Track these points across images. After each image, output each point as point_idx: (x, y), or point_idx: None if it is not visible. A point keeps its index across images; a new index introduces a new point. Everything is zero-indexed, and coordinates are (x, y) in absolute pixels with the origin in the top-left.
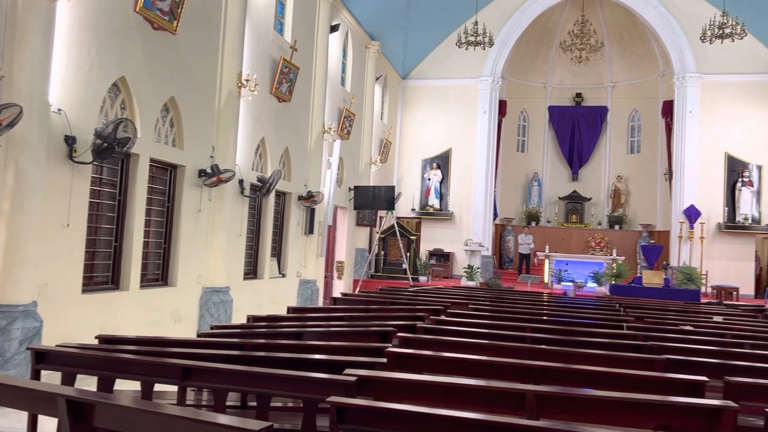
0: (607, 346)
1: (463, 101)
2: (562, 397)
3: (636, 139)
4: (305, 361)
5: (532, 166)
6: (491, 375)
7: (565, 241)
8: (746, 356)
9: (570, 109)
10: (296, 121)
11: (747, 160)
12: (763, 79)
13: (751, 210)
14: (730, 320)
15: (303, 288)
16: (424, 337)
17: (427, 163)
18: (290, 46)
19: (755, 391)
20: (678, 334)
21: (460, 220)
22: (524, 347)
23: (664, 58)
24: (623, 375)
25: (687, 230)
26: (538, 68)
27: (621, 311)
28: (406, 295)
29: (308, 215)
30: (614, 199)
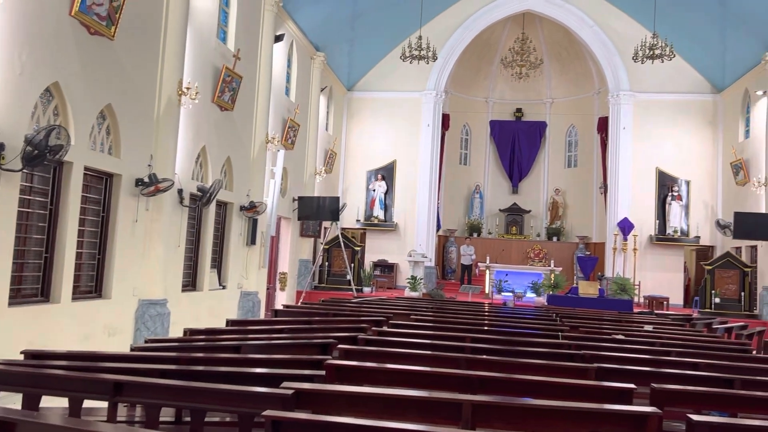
0: (544, 356)
1: (407, 114)
2: (497, 406)
3: (573, 154)
4: (243, 374)
5: (474, 179)
6: (431, 385)
7: (506, 252)
8: (673, 364)
9: (510, 123)
10: (239, 130)
11: (676, 176)
12: (691, 98)
13: (680, 223)
14: (660, 329)
15: (244, 300)
16: (366, 349)
17: (372, 175)
18: (233, 54)
19: (679, 397)
20: (610, 343)
21: (405, 231)
22: (463, 357)
23: (599, 76)
24: (558, 384)
25: (621, 242)
26: (480, 83)
27: (558, 321)
28: (349, 307)
29: (250, 226)
30: (552, 211)
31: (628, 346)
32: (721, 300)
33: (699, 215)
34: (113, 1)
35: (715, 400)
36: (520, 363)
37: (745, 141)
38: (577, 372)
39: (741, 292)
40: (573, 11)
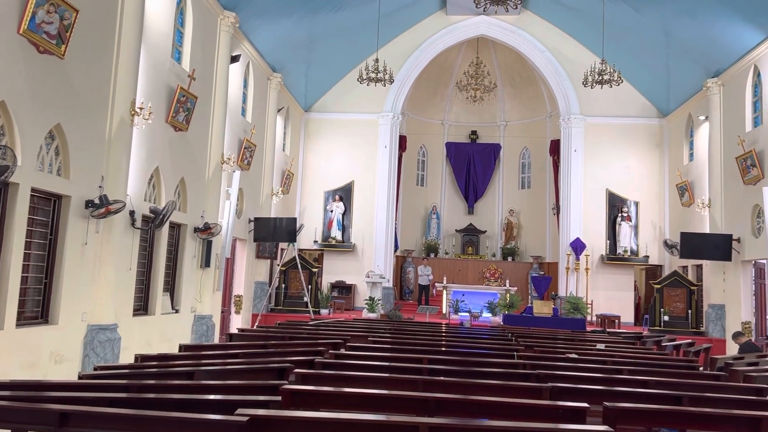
0: (500, 376)
1: (364, 135)
2: (453, 428)
3: (527, 176)
4: (197, 401)
5: (431, 200)
6: (389, 408)
7: (462, 273)
8: (624, 382)
9: (466, 145)
10: (193, 151)
11: (626, 197)
12: (638, 122)
13: (630, 243)
14: (612, 347)
15: (198, 324)
16: (323, 373)
17: (329, 195)
18: (188, 75)
19: (631, 415)
20: (564, 362)
21: (362, 252)
22: (420, 379)
23: (551, 100)
24: (513, 404)
25: (573, 262)
26: (436, 106)
27: (513, 341)
28: (306, 329)
29: (205, 248)
30: (507, 232)
31: (581, 365)
32: (669, 318)
33: (648, 235)
34: (64, 20)
35: (665, 417)
36: (477, 384)
37: (690, 163)
38: (532, 392)
39: (688, 310)
40: (525, 37)
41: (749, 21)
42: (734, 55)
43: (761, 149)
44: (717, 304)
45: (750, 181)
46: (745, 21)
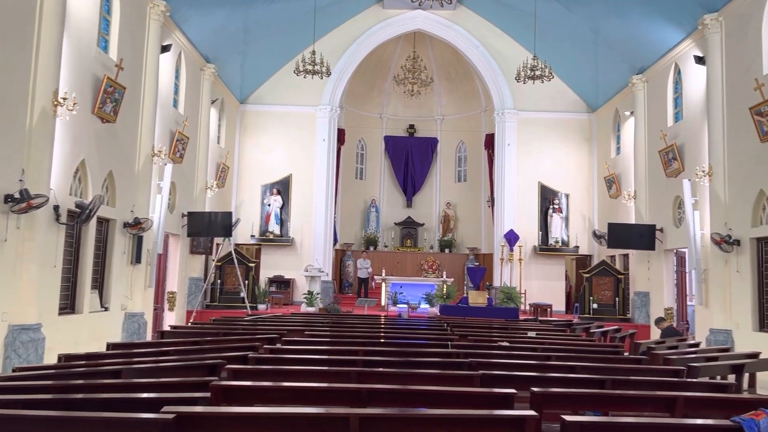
0: (435, 365)
1: (302, 128)
2: (384, 418)
3: (463, 169)
4: (124, 400)
5: (370, 193)
6: (322, 401)
7: (401, 265)
8: (553, 368)
9: (404, 139)
10: (122, 143)
11: (557, 189)
12: (568, 116)
13: (561, 234)
14: (543, 335)
15: (129, 322)
16: (256, 368)
17: (267, 189)
18: (116, 64)
19: (557, 399)
20: (496, 350)
21: (301, 246)
22: (354, 371)
23: (486, 95)
24: (446, 392)
25: (507, 253)
26: (374, 99)
27: (448, 330)
28: (242, 325)
29: (135, 243)
30: (444, 224)
31: (512, 352)
32: (598, 305)
33: (578, 226)
34: None
35: (589, 400)
36: (413, 373)
37: (617, 157)
38: (464, 380)
39: (616, 298)
40: (460, 32)
41: (671, 21)
42: (657, 53)
43: (682, 143)
44: (642, 291)
45: (672, 174)
46: (668, 21)
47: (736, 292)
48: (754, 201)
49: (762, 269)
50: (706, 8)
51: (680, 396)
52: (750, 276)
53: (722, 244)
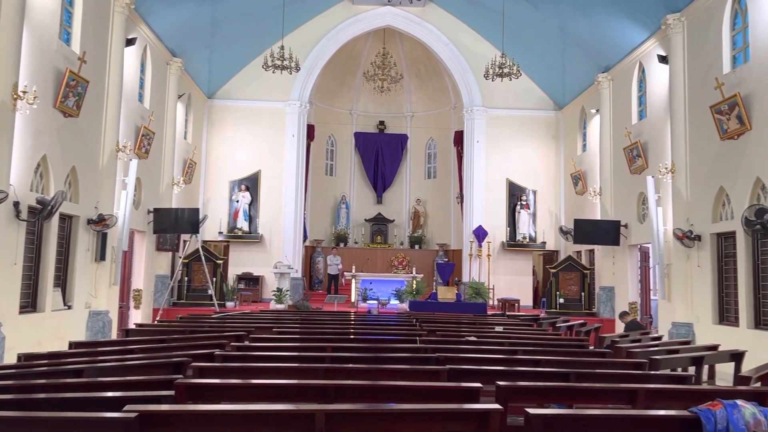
0: (403, 361)
1: (271, 124)
2: (350, 413)
3: (432, 166)
4: (86, 400)
5: (340, 189)
6: (289, 398)
7: (371, 261)
8: (519, 362)
9: (374, 135)
10: (86, 138)
11: (525, 186)
12: (536, 114)
13: (528, 230)
14: (510, 330)
15: (93, 320)
16: (223, 365)
17: (235, 185)
18: (78, 57)
19: (522, 392)
20: (463, 345)
21: (270, 243)
22: (322, 367)
23: (455, 92)
24: (413, 387)
25: (476, 249)
26: (344, 95)
27: (417, 326)
28: (209, 323)
29: (99, 240)
30: (414, 220)
31: (479, 347)
32: (564, 300)
33: (545, 222)
34: None
35: (554, 394)
36: (381, 369)
37: (583, 154)
38: (431, 374)
39: (582, 293)
40: (430, 29)
41: (635, 20)
42: (622, 52)
43: (646, 141)
44: (607, 286)
45: (636, 171)
46: (632, 20)
47: (697, 287)
48: (715, 197)
49: (722, 264)
50: (669, 8)
51: (641, 388)
52: (710, 271)
53: (684, 239)
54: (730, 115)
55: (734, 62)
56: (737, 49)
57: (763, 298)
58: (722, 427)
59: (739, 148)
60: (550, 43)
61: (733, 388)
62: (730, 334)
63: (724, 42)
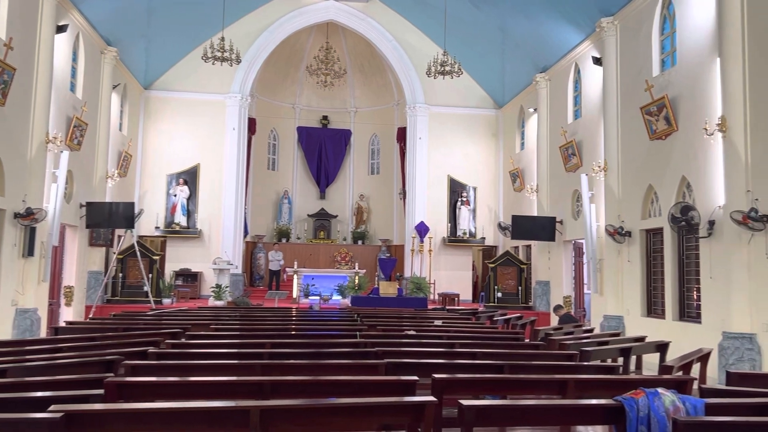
0: (343, 356)
1: (211, 116)
2: (285, 409)
3: (376, 161)
4: (11, 400)
5: (282, 184)
6: (224, 395)
7: (314, 257)
8: (456, 355)
9: (317, 130)
10: (12, 128)
11: (465, 182)
12: (477, 112)
13: (468, 226)
14: (449, 323)
15: (20, 318)
16: (157, 363)
17: (173, 179)
18: (4, 44)
19: (457, 385)
20: (403, 339)
21: (210, 238)
22: (259, 364)
23: (398, 88)
24: (352, 381)
25: (418, 244)
26: (287, 89)
27: (358, 321)
28: (144, 320)
29: (28, 235)
30: (357, 216)
31: (418, 341)
32: (502, 294)
33: (484, 218)
34: None
35: (488, 385)
36: (321, 364)
37: (521, 152)
38: (370, 368)
39: (519, 287)
40: (373, 25)
41: (572, 22)
42: (559, 53)
43: (580, 140)
44: (543, 280)
45: (571, 169)
46: (569, 22)
47: (627, 281)
48: (644, 195)
49: (650, 259)
50: (603, 12)
51: (571, 378)
52: (639, 265)
53: (615, 235)
54: (659, 116)
55: (663, 65)
56: (666, 53)
57: (688, 292)
58: (644, 414)
59: (667, 148)
60: (491, 42)
61: (657, 377)
62: (657, 325)
63: (653, 46)
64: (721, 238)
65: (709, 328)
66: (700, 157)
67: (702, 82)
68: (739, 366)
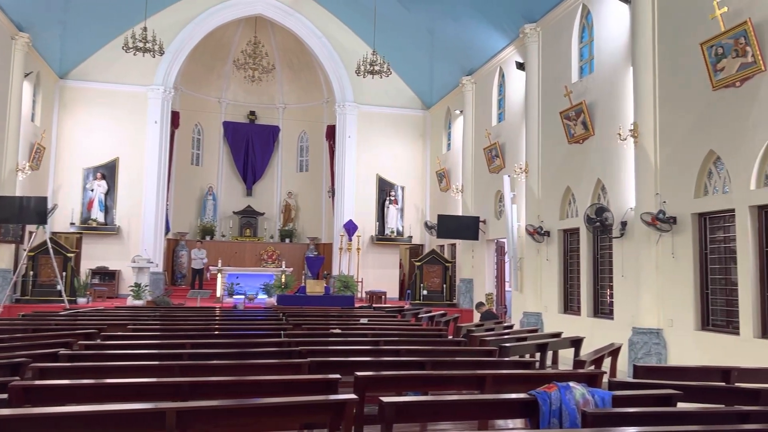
0: (267, 355)
1: (132, 109)
2: (203, 410)
3: (305, 159)
4: None
5: (207, 180)
6: (141, 397)
7: (239, 255)
8: (380, 352)
9: (244, 126)
10: None
11: (394, 182)
12: (405, 112)
13: (396, 224)
14: (375, 321)
15: None
16: (68, 365)
17: (90, 173)
18: None
19: (380, 382)
20: (328, 338)
21: (129, 235)
22: (177, 365)
23: (328, 86)
24: (275, 381)
25: (346, 242)
26: (213, 83)
27: (284, 320)
28: (56, 320)
29: None
30: (285, 214)
31: (344, 339)
32: (428, 292)
33: (411, 217)
34: None
35: (410, 382)
36: (244, 364)
37: (447, 153)
38: (294, 368)
39: (444, 285)
40: (303, 21)
41: (497, 27)
42: (485, 57)
43: (504, 142)
44: (467, 278)
45: (494, 170)
46: (494, 27)
47: (546, 279)
48: (562, 196)
49: (567, 258)
50: (526, 18)
51: (489, 374)
52: (557, 264)
53: (535, 235)
54: (577, 121)
55: (581, 72)
56: (584, 61)
57: (601, 290)
58: (556, 408)
59: (584, 152)
60: (420, 44)
61: (570, 371)
62: (573, 322)
63: (573, 53)
64: (632, 239)
65: (620, 324)
66: (614, 161)
67: (617, 90)
68: (647, 360)
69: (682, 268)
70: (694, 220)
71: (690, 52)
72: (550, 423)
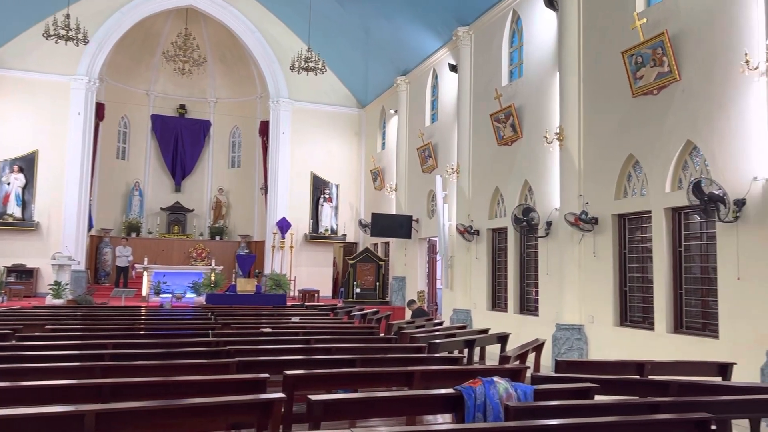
0: (193, 355)
1: (53, 99)
2: (125, 412)
3: (237, 155)
4: None
5: (133, 175)
6: (59, 400)
7: (166, 253)
8: (311, 350)
9: (174, 119)
10: None
11: (328, 179)
12: (341, 110)
13: (330, 222)
14: (307, 320)
15: None
16: None
17: (6, 165)
18: None
19: (309, 380)
20: (258, 337)
21: (48, 232)
22: (98, 366)
23: (261, 81)
24: (202, 381)
25: (279, 240)
26: (141, 74)
27: (212, 319)
28: None
29: None
30: (216, 210)
31: (274, 338)
32: (361, 290)
33: (346, 215)
34: None
35: (340, 379)
36: (170, 365)
37: (382, 152)
38: (221, 367)
39: (377, 282)
40: (236, 14)
41: (431, 29)
42: (419, 58)
43: (436, 142)
44: (399, 276)
45: (427, 170)
46: (428, 29)
47: (475, 277)
48: (491, 196)
49: (495, 256)
50: (460, 21)
51: (417, 370)
52: (486, 262)
53: (465, 233)
54: (506, 124)
55: (511, 76)
56: (514, 65)
57: (528, 287)
58: (480, 402)
59: (512, 153)
60: (355, 42)
61: (496, 366)
62: (501, 318)
63: (503, 57)
64: (556, 238)
65: (545, 320)
66: (540, 163)
67: (544, 94)
68: (569, 354)
69: (603, 266)
70: (614, 221)
71: (612, 60)
72: (474, 417)
